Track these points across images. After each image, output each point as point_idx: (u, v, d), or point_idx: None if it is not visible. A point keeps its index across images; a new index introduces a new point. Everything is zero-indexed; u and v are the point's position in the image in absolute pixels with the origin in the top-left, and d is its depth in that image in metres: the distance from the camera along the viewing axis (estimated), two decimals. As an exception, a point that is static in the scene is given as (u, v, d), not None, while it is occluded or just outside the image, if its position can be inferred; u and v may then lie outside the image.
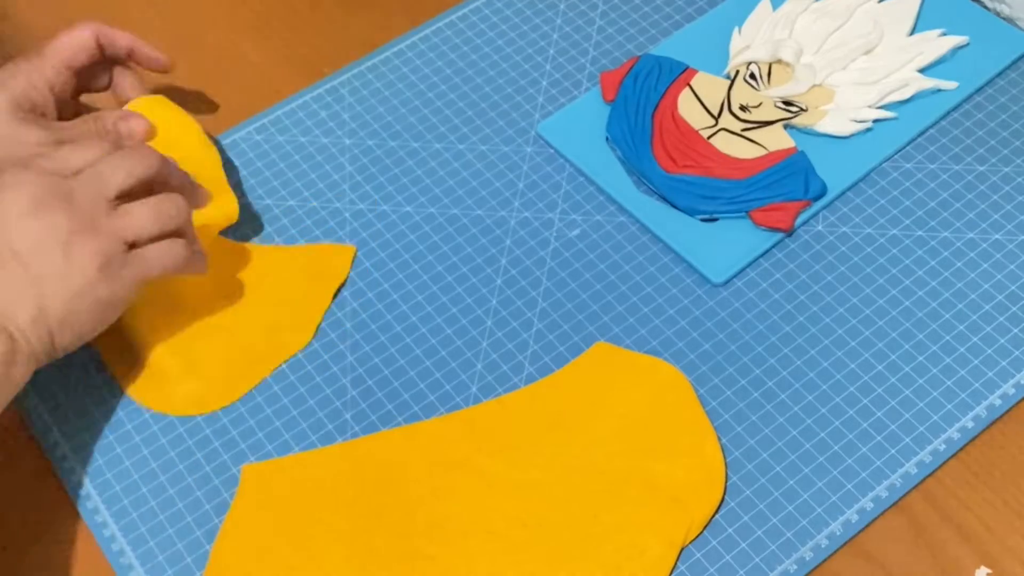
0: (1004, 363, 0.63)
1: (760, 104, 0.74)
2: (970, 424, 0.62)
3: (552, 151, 0.74)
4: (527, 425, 0.63)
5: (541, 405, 0.64)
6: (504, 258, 0.70)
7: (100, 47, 0.71)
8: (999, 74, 0.75)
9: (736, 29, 0.78)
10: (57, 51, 0.69)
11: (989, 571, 0.58)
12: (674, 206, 0.70)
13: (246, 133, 0.77)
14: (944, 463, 0.61)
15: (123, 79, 0.73)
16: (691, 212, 0.70)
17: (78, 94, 0.72)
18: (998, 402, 0.62)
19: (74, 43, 0.69)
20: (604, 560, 0.58)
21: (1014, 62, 0.76)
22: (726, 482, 0.60)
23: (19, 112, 0.66)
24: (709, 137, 0.72)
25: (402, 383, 0.65)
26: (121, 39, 0.72)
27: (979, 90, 0.75)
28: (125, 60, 0.73)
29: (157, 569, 0.60)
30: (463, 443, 0.63)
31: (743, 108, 0.74)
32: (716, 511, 0.60)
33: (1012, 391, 0.63)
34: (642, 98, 0.74)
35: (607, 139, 0.74)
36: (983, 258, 0.67)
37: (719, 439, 0.62)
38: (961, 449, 0.61)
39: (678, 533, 0.59)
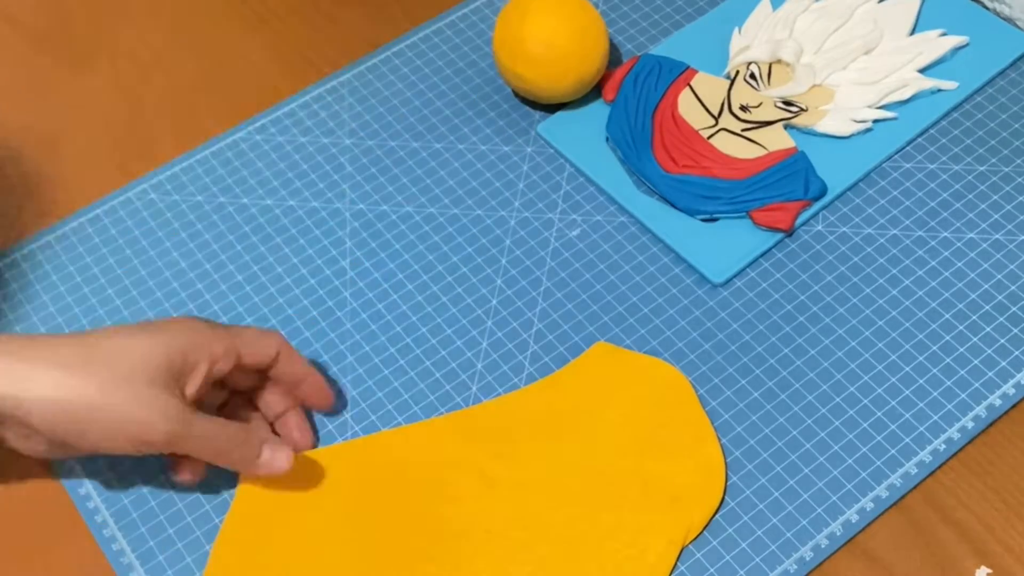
0: (1004, 363, 0.63)
1: (760, 104, 0.74)
2: (970, 424, 0.62)
3: (552, 151, 0.74)
4: (527, 425, 0.63)
5: (541, 405, 0.64)
6: (504, 258, 0.70)
7: (276, 362, 0.61)
8: (999, 74, 0.75)
9: (736, 29, 0.78)
10: (245, 345, 0.60)
11: (989, 571, 0.58)
12: (674, 206, 0.70)
13: (246, 133, 0.77)
14: (944, 463, 0.61)
15: (280, 405, 0.63)
16: (691, 212, 0.70)
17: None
18: (998, 402, 0.62)
19: (261, 349, 0.60)
20: (604, 560, 0.58)
21: (1014, 62, 0.76)
22: (726, 482, 0.60)
23: (164, 377, 0.56)
24: (709, 137, 0.72)
25: (402, 383, 0.65)
26: (300, 367, 0.62)
27: (979, 90, 0.75)
28: (292, 387, 0.63)
29: (157, 569, 0.60)
30: (463, 443, 0.63)
31: (743, 108, 0.74)
32: (716, 511, 0.60)
33: (1012, 391, 0.63)
34: (642, 98, 0.74)
35: (607, 139, 0.74)
36: (983, 258, 0.67)
37: (719, 439, 0.62)
38: (961, 449, 0.61)
39: (678, 533, 0.59)
